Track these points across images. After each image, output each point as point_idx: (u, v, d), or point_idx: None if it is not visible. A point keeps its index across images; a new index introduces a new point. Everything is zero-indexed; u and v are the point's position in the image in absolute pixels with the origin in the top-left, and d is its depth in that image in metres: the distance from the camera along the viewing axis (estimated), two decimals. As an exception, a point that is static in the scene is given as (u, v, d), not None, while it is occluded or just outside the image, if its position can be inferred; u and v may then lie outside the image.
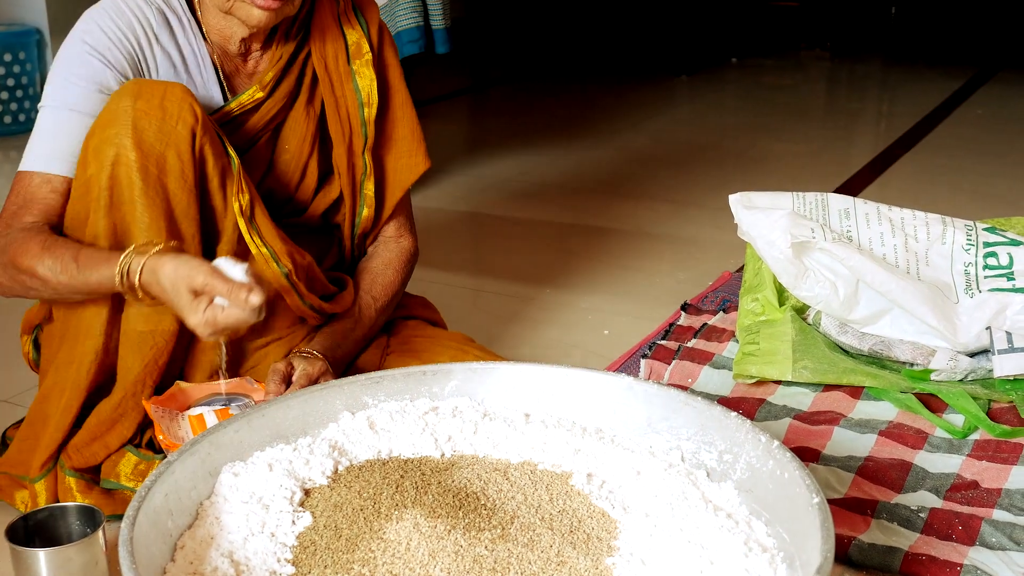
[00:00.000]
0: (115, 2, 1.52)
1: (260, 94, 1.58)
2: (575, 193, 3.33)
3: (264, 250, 1.52)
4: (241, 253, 1.54)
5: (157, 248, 1.34)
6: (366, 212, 1.71)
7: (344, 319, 1.65)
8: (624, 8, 6.21)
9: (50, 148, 1.48)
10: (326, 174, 1.70)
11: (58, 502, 1.48)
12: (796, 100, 4.90)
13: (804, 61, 5.95)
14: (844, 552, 1.32)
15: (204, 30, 1.57)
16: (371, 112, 1.67)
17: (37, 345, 1.64)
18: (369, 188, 1.70)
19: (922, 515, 1.38)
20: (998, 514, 1.39)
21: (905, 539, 1.34)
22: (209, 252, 1.53)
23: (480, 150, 3.92)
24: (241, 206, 1.50)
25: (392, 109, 1.73)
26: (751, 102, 4.92)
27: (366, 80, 1.66)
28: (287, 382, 1.50)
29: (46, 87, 1.51)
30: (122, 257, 1.34)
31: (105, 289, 1.38)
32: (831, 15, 6.06)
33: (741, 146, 4.00)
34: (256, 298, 1.26)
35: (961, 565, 1.28)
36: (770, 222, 1.83)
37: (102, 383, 1.51)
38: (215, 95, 1.59)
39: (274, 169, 1.65)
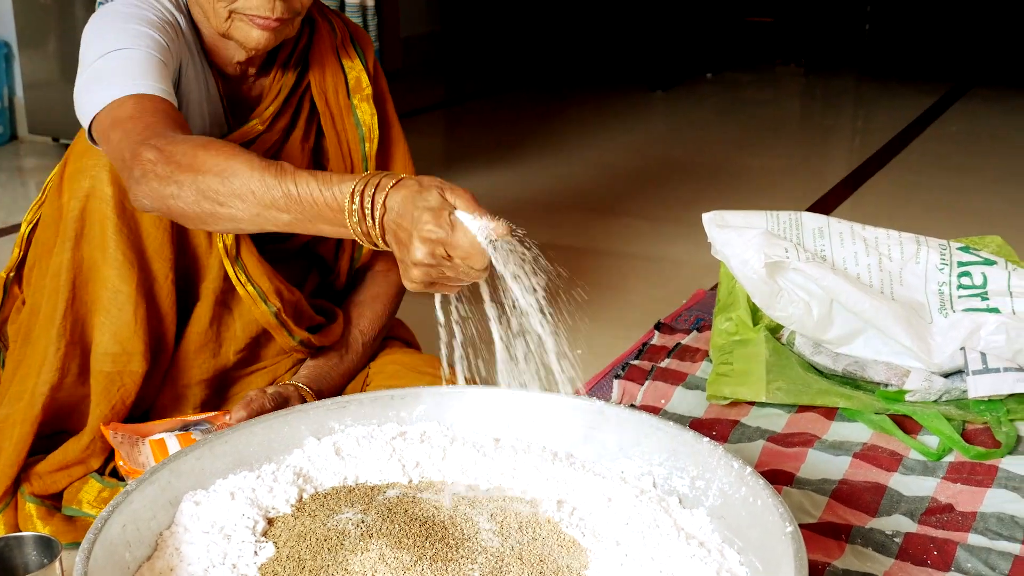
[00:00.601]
0: None
1: (260, 127, 1.55)
2: (549, 209, 3.31)
3: (251, 289, 1.49)
4: (227, 291, 1.51)
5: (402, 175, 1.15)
6: (366, 248, 1.68)
7: (330, 352, 1.62)
8: (600, 23, 6.21)
9: (154, 79, 1.32)
10: None
11: (17, 531, 1.45)
12: (771, 116, 4.91)
13: (779, 77, 5.96)
14: (818, 579, 1.30)
15: (207, 52, 1.54)
16: (372, 147, 1.65)
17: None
18: None
19: (897, 540, 1.36)
20: (973, 538, 1.37)
21: (880, 565, 1.32)
22: (192, 292, 1.51)
23: (454, 165, 3.89)
24: (226, 245, 1.47)
25: (389, 144, 1.71)
26: (726, 118, 4.92)
27: (367, 115, 1.64)
28: (254, 412, 1.47)
29: (98, 40, 1.37)
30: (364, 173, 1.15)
31: (313, 200, 1.15)
32: (806, 31, 6.08)
33: (716, 162, 4.00)
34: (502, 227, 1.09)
35: (936, 592, 1.26)
36: (743, 241, 1.82)
37: (53, 418, 1.47)
38: (220, 117, 1.56)
39: None
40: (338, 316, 1.67)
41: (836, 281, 1.75)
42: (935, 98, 5.02)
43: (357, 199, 1.12)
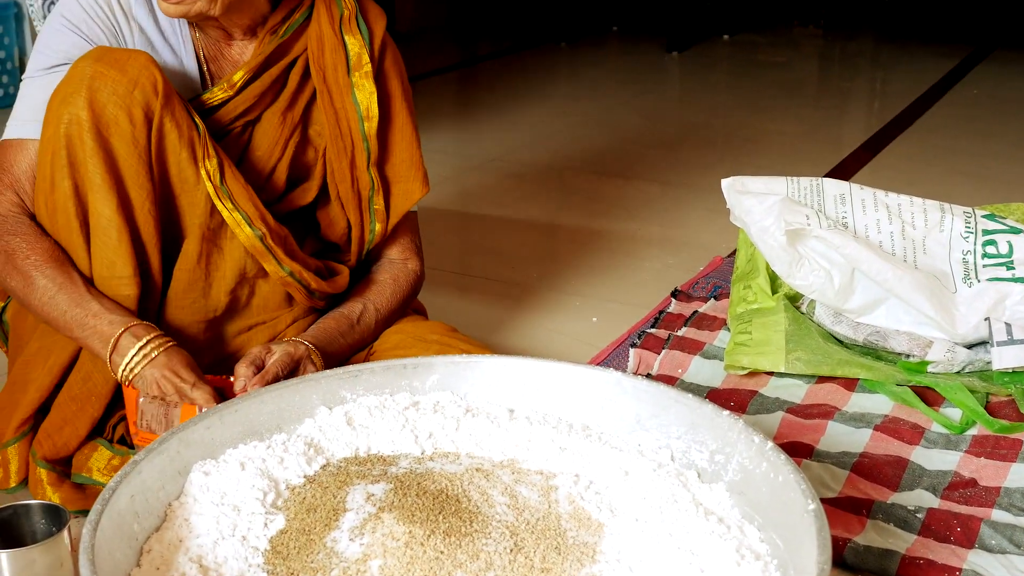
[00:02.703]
0: None
1: (229, 92, 1.53)
2: (563, 173, 3.27)
3: (236, 215, 1.48)
4: (215, 228, 1.50)
5: (152, 355, 1.39)
6: (378, 227, 1.66)
7: (340, 319, 1.60)
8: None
9: (26, 115, 1.48)
10: (296, 181, 1.64)
11: (27, 479, 1.47)
12: (788, 78, 4.84)
13: (797, 38, 5.89)
14: (839, 555, 1.27)
15: None
16: (371, 126, 1.60)
17: (2, 324, 1.61)
18: (379, 203, 1.64)
19: (919, 515, 1.34)
20: (997, 514, 1.34)
21: (902, 541, 1.29)
22: (180, 229, 1.50)
23: (466, 128, 3.85)
24: (208, 171, 1.46)
25: (389, 123, 1.65)
26: (743, 80, 4.85)
27: (365, 93, 1.59)
28: (260, 367, 1.44)
29: (32, 58, 1.52)
30: (115, 353, 1.38)
31: (81, 340, 1.42)
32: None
33: (732, 126, 3.94)
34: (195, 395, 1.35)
35: (960, 569, 1.24)
36: (764, 208, 1.78)
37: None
38: (193, 77, 1.54)
39: (242, 165, 1.60)
40: (344, 271, 1.65)
41: (858, 249, 1.71)
42: (956, 61, 4.94)
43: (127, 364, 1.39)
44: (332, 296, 1.63)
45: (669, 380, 1.73)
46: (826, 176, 1.91)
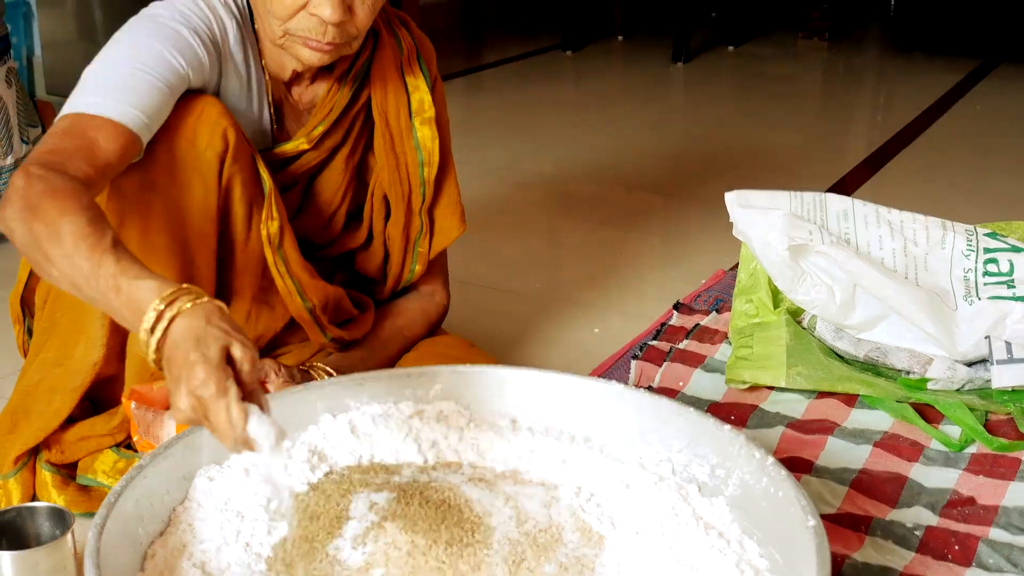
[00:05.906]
0: None
1: (306, 146, 1.52)
2: (567, 182, 3.28)
3: (289, 282, 1.48)
4: (264, 286, 1.49)
5: (205, 299, 1.05)
6: (418, 268, 1.67)
7: (364, 347, 1.61)
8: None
9: (122, 99, 1.27)
10: (352, 221, 1.65)
11: (33, 498, 1.45)
12: (792, 91, 4.85)
13: (801, 50, 5.89)
14: (837, 571, 1.28)
15: (262, 56, 1.50)
16: (431, 172, 1.60)
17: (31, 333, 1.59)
18: (424, 245, 1.65)
19: (917, 533, 1.34)
20: (995, 533, 1.35)
21: (900, 559, 1.30)
22: (226, 285, 1.49)
23: (471, 136, 3.86)
24: (269, 233, 1.44)
25: (444, 171, 1.65)
26: (746, 91, 4.86)
27: (428, 139, 1.58)
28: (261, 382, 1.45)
29: (113, 45, 1.34)
30: (171, 289, 1.05)
31: (107, 305, 1.10)
32: (830, 3, 5.99)
33: (736, 137, 3.95)
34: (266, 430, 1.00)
35: (957, 588, 1.25)
36: (767, 223, 1.79)
37: (92, 386, 1.45)
38: (267, 124, 1.52)
39: (302, 213, 1.59)
40: (370, 307, 1.65)
41: (860, 265, 1.72)
42: (962, 75, 4.94)
43: (146, 324, 1.04)
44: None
45: (670, 393, 1.74)
46: (828, 190, 1.91)
